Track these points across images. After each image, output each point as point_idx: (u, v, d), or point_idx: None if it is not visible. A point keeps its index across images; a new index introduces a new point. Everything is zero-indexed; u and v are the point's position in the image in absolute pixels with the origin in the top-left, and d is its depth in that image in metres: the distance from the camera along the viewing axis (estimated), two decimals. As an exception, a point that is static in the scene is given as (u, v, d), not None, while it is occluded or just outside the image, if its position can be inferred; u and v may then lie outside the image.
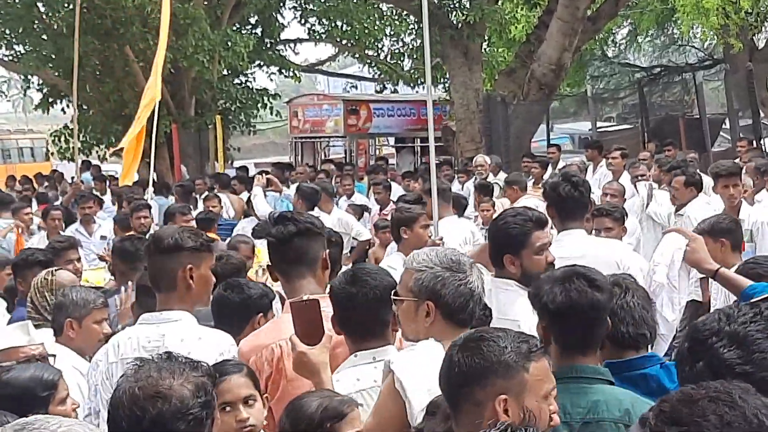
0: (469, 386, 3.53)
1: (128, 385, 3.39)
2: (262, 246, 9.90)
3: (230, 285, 6.44)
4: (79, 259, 9.74)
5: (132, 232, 11.48)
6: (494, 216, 8.63)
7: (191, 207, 14.83)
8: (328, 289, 5.32)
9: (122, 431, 3.35)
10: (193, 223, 11.97)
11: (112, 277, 9.61)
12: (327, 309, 5.05)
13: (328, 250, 5.43)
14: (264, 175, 16.42)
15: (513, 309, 5.69)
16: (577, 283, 4.57)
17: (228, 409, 4.30)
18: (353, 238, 13.72)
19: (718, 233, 8.30)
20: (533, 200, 12.68)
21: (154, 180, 17.69)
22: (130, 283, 7.46)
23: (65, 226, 14.43)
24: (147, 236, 6.26)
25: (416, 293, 4.69)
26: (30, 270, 7.94)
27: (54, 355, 5.51)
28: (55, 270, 7.47)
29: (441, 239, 9.22)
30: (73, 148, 27.67)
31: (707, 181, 12.56)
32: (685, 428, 2.53)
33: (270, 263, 5.69)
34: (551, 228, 7.37)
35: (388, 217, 11.71)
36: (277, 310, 6.41)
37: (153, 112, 15.87)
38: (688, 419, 2.53)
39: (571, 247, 6.89)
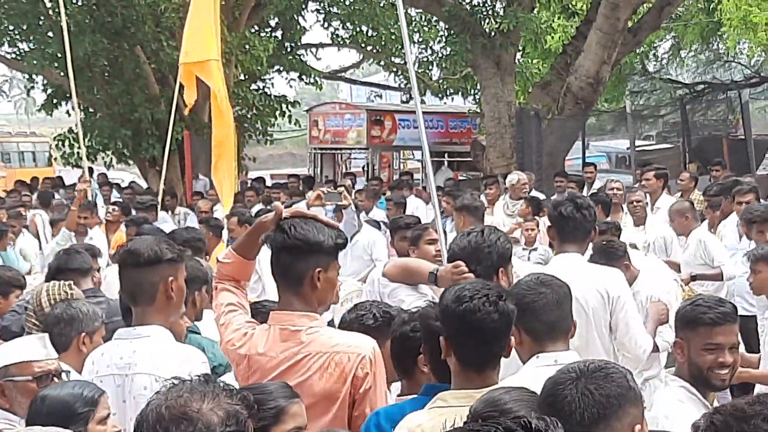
0: (606, 418, 3.46)
1: (157, 403, 3.37)
2: None
3: None
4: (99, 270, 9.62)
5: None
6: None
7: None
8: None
9: None
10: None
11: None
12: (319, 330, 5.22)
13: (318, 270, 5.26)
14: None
15: None
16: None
17: None
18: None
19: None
20: None
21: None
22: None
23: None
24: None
25: None
26: None
27: (68, 372, 5.52)
28: (73, 284, 7.47)
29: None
30: (78, 152, 27.92)
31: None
32: None
33: None
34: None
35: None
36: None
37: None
38: None
39: (562, 272, 6.89)
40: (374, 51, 32.90)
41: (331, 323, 6.70)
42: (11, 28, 28.54)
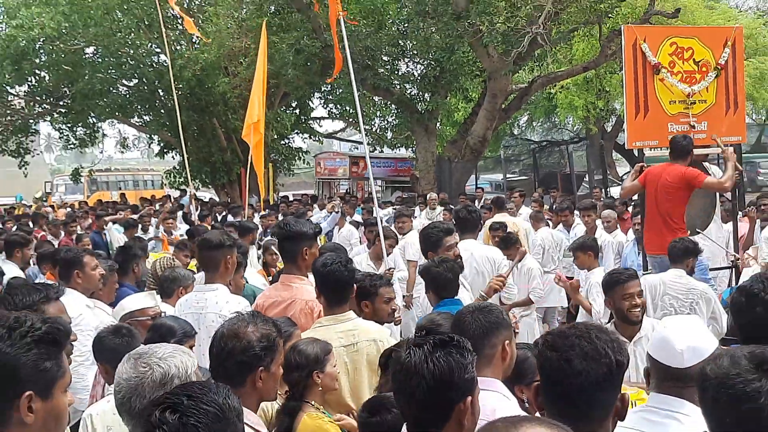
0: (489, 335, 3.46)
1: (221, 328, 3.43)
2: None
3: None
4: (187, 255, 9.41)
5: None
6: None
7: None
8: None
9: (213, 355, 3.36)
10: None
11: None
12: (300, 285, 5.22)
13: (304, 248, 5.28)
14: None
15: None
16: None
17: None
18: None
19: (587, 248, 8.36)
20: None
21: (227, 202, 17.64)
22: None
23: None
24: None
25: None
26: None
27: (165, 312, 5.49)
28: (171, 257, 7.51)
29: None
30: (184, 180, 27.84)
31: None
32: (558, 353, 2.60)
33: None
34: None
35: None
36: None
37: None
38: (561, 348, 2.61)
39: (464, 250, 7.09)
40: (353, 121, 32.91)
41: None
42: (138, 107, 28.46)
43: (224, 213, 18.94)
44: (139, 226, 14.85)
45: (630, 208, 12.86)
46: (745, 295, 3.24)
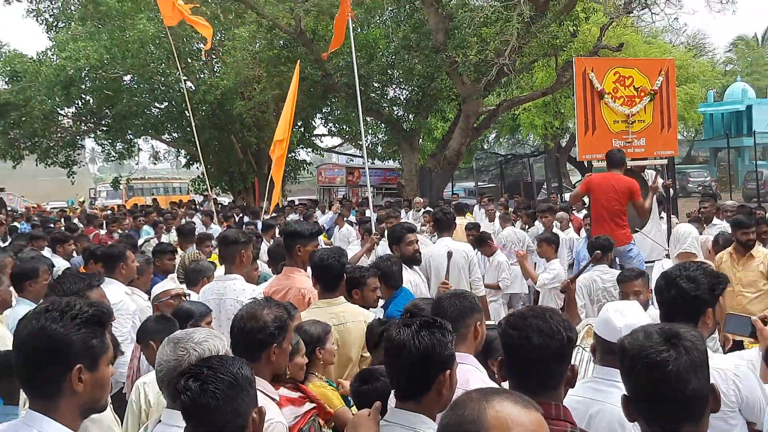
0: (464, 317, 3.43)
1: (241, 311, 3.39)
2: None
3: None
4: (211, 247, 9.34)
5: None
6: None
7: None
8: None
9: (233, 335, 3.33)
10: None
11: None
12: (297, 275, 5.20)
13: (298, 246, 5.27)
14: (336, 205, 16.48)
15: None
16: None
17: None
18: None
19: (551, 241, 8.39)
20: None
21: (244, 206, 17.57)
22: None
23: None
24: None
25: None
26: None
27: (189, 294, 5.47)
28: (197, 252, 7.47)
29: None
30: (206, 187, 27.70)
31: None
32: (518, 332, 2.60)
33: None
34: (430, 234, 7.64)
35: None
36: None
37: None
38: (521, 327, 2.61)
39: (444, 246, 7.12)
40: (349, 137, 32.88)
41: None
42: (168, 125, 28.39)
43: (240, 215, 18.88)
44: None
45: (584, 212, 12.92)
46: (665, 280, 3.27)
